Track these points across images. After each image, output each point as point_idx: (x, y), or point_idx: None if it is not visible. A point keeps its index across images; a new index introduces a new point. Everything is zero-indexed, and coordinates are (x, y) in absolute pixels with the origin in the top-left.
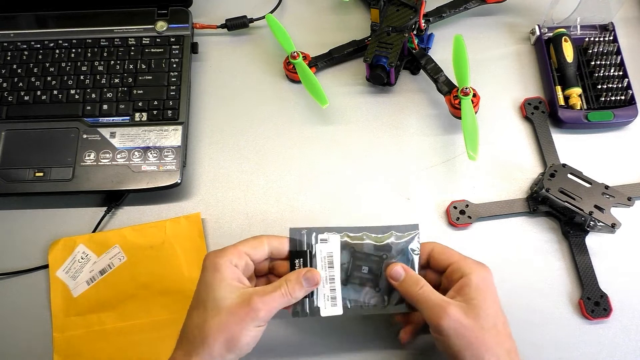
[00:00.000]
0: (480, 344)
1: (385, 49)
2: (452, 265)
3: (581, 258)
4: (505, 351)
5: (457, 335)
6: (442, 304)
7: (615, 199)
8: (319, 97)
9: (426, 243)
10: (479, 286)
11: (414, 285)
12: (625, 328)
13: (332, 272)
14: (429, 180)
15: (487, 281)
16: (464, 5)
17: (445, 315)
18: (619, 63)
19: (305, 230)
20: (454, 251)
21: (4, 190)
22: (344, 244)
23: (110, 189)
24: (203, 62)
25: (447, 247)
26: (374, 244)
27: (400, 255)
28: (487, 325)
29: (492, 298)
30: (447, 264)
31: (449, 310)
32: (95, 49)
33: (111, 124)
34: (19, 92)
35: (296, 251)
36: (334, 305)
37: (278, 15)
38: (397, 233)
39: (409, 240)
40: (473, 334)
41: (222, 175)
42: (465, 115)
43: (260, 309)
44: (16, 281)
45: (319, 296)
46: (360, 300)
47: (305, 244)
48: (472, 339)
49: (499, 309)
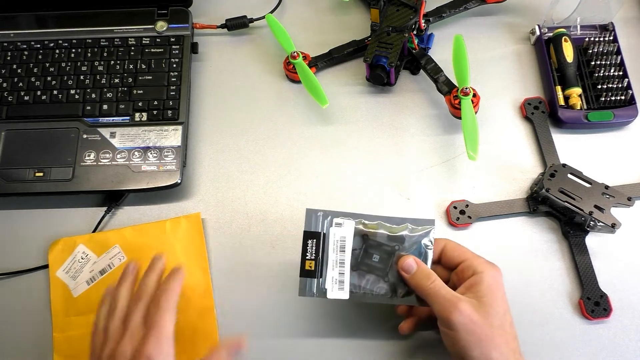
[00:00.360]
0: (489, 341)
1: (385, 49)
2: (464, 263)
3: (581, 258)
4: (512, 351)
5: (467, 330)
6: (453, 299)
7: (615, 199)
8: (319, 97)
9: (439, 239)
10: (490, 285)
11: (425, 278)
12: (625, 328)
13: (343, 257)
14: (429, 180)
15: (498, 281)
16: (464, 5)
17: (456, 310)
18: (619, 63)
19: (321, 212)
20: (467, 249)
21: (4, 190)
22: (358, 231)
23: (110, 189)
24: (203, 62)
25: (459, 245)
26: (387, 234)
27: (413, 248)
28: (496, 324)
29: (501, 298)
30: (459, 260)
31: (460, 305)
32: (95, 49)
33: (111, 124)
34: (19, 92)
35: (310, 232)
36: (341, 290)
37: (278, 15)
38: (412, 226)
39: (423, 235)
40: (482, 330)
41: (222, 175)
42: (465, 115)
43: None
44: (16, 281)
45: (327, 278)
46: (367, 287)
47: (320, 225)
48: (481, 336)
49: (508, 309)
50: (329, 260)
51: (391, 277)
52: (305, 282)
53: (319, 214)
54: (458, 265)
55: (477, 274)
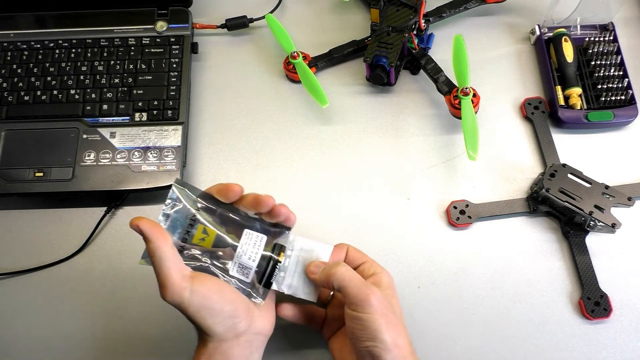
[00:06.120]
0: (395, 327)
1: (385, 49)
2: (366, 264)
3: (581, 258)
4: (410, 342)
5: (381, 314)
6: (367, 283)
7: (615, 199)
8: (319, 97)
9: (342, 244)
10: (389, 283)
11: (335, 265)
12: (625, 328)
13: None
14: (429, 181)
15: (393, 284)
16: (464, 5)
17: (373, 293)
18: (619, 63)
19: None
20: (364, 254)
21: (4, 190)
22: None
23: (110, 189)
24: (203, 62)
25: (358, 249)
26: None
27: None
28: (397, 313)
29: (397, 298)
30: (361, 262)
31: (374, 289)
32: (95, 49)
33: (111, 124)
34: (19, 92)
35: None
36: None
37: (278, 15)
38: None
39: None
40: (391, 315)
41: (222, 175)
42: (465, 115)
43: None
44: (16, 281)
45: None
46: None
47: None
48: (391, 321)
49: (401, 311)
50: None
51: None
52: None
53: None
54: (359, 266)
55: (377, 273)
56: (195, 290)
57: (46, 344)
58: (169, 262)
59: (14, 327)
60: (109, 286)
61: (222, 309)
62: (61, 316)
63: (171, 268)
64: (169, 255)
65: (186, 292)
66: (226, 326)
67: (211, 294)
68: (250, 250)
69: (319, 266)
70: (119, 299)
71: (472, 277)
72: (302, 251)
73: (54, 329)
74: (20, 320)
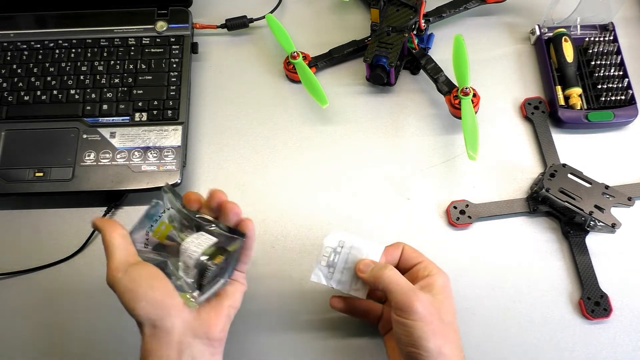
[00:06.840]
0: (442, 335)
1: (385, 49)
2: (421, 264)
3: (581, 258)
4: (458, 349)
5: (426, 321)
6: (414, 288)
7: (615, 199)
8: (319, 97)
9: (398, 243)
10: (443, 286)
11: (383, 268)
12: (625, 328)
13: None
14: (429, 180)
15: (449, 284)
16: (464, 5)
17: (418, 299)
18: (619, 63)
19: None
20: (421, 253)
21: (4, 190)
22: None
23: (110, 189)
24: (203, 62)
25: (415, 249)
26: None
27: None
28: (447, 320)
29: (451, 301)
30: (417, 262)
31: (420, 295)
32: (95, 49)
33: (111, 124)
34: (19, 92)
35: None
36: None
37: (278, 15)
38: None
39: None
40: (438, 324)
41: (222, 175)
42: (465, 115)
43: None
44: (16, 281)
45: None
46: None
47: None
48: (437, 329)
49: (455, 312)
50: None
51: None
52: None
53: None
54: (414, 266)
55: (432, 275)
56: (128, 273)
57: (46, 344)
58: (114, 249)
59: (14, 327)
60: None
61: (145, 293)
62: (61, 316)
63: (115, 254)
64: (115, 243)
65: (119, 274)
66: (150, 315)
67: (141, 280)
68: (192, 250)
69: (368, 265)
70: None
71: (472, 277)
72: (352, 249)
73: (54, 329)
74: (20, 320)
